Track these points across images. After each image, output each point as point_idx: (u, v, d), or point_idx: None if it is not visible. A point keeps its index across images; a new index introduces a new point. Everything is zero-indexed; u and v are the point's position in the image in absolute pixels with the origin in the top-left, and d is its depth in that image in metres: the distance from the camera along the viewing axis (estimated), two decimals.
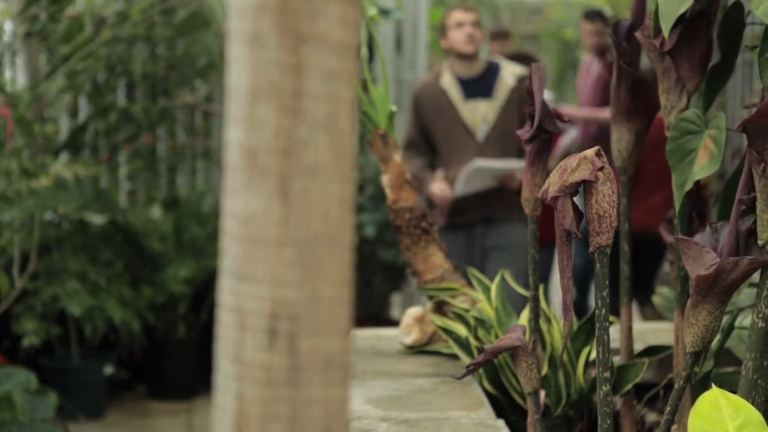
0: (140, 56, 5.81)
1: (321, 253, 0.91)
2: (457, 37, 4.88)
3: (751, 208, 1.77)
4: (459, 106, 4.86)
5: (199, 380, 5.52)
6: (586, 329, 2.43)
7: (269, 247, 0.89)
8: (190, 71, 6.02)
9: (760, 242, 1.75)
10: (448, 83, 4.90)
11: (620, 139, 2.26)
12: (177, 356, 5.57)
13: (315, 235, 0.91)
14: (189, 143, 6.34)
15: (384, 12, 5.76)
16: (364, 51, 2.79)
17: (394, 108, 2.76)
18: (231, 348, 0.90)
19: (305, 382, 0.89)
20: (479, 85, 4.92)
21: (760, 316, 1.73)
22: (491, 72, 4.94)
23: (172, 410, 5.35)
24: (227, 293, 0.91)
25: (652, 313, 5.34)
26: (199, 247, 5.63)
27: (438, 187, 4.76)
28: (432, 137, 4.93)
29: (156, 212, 5.83)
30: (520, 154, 4.77)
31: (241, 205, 0.90)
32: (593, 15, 6.72)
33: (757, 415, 1.43)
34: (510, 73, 4.90)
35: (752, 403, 1.72)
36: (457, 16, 4.93)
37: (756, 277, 1.79)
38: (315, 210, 0.91)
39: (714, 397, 1.46)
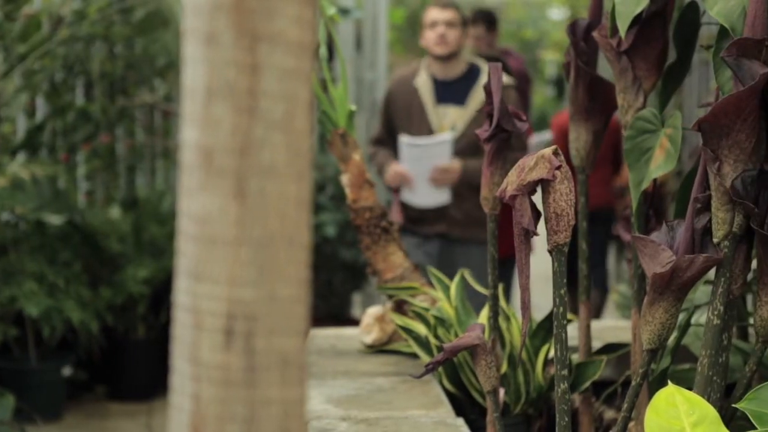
0: (98, 55, 5.77)
1: (278, 252, 0.91)
2: (429, 38, 4.59)
3: (706, 206, 1.79)
4: (429, 109, 4.57)
5: (158, 381, 5.49)
6: (545, 327, 2.44)
7: (225, 246, 0.89)
8: (149, 70, 5.99)
9: (715, 240, 1.76)
10: (423, 83, 4.61)
11: (578, 138, 2.28)
12: (136, 357, 5.54)
13: (272, 234, 0.90)
14: (148, 143, 6.31)
15: (344, 11, 5.76)
16: (324, 50, 2.78)
17: (353, 107, 2.76)
18: (187, 348, 0.89)
19: (262, 382, 0.89)
20: (454, 90, 4.59)
21: (715, 313, 1.75)
22: (470, 77, 4.62)
23: (132, 411, 5.31)
24: (183, 293, 0.91)
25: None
26: (158, 247, 5.60)
27: (395, 167, 4.49)
28: (396, 136, 4.68)
29: (115, 212, 5.79)
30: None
31: (197, 205, 0.90)
32: (475, 17, 6.17)
33: (712, 412, 1.44)
34: None
35: (708, 400, 1.73)
36: (432, 14, 4.60)
37: (711, 274, 1.81)
38: (272, 210, 0.91)
39: (670, 394, 1.47)
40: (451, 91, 4.61)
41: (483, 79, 4.50)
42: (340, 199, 5.89)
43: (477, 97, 4.55)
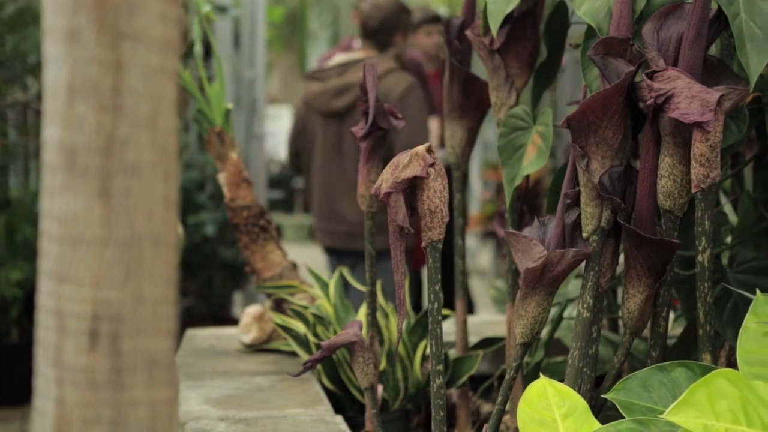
0: None
1: (144, 252, 0.89)
2: None
3: (576, 202, 1.82)
4: None
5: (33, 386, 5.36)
6: (422, 323, 2.46)
7: (90, 247, 0.88)
8: (21, 68, 5.83)
9: (584, 234, 1.80)
10: None
11: (453, 135, 2.30)
12: (10, 361, 5.39)
13: (138, 234, 0.89)
14: (21, 142, 6.15)
15: (220, 9, 5.71)
16: (199, 48, 2.76)
17: (230, 105, 2.74)
18: (50, 351, 0.88)
19: (129, 383, 0.88)
20: None
21: (585, 306, 1.79)
22: None
23: (6, 417, 5.18)
24: (46, 295, 0.89)
25: None
26: (32, 249, 5.46)
27: None
28: None
29: None
30: None
31: (61, 205, 0.89)
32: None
33: (582, 403, 1.47)
34: None
35: (578, 391, 1.77)
36: None
37: (582, 268, 1.85)
38: (138, 209, 0.89)
39: (542, 386, 1.50)
40: None
41: None
42: (219, 198, 5.83)
43: None
